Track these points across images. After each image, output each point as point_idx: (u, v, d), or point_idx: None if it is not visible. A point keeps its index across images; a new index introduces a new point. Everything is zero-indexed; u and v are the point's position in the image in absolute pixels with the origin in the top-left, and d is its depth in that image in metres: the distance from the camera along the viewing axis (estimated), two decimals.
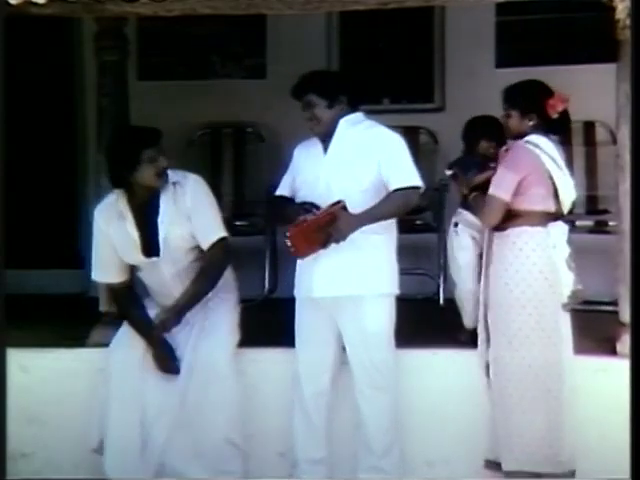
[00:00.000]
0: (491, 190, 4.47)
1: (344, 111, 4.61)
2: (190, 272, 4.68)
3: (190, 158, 6.62)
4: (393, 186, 4.40)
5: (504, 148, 4.61)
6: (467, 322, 5.03)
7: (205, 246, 4.65)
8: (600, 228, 6.09)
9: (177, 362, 4.64)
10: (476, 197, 4.65)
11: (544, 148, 4.48)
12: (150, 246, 4.65)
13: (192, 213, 4.62)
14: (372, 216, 4.37)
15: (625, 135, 4.58)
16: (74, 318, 5.55)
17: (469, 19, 6.39)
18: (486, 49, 6.69)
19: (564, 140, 6.35)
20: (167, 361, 4.63)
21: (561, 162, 4.52)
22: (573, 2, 6.31)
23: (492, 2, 5.66)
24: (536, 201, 4.47)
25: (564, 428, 4.46)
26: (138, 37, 6.54)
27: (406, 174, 4.45)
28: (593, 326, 4.81)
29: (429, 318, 5.18)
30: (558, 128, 4.61)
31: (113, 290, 4.85)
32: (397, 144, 4.56)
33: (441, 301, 5.88)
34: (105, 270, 4.78)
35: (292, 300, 4.96)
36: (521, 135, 4.56)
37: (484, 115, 5.11)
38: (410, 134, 6.74)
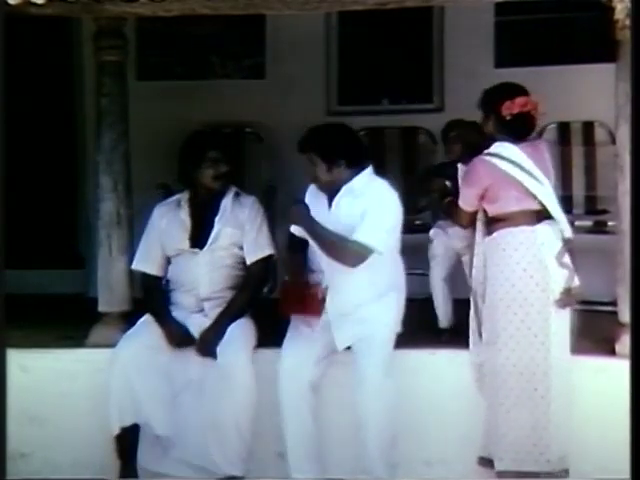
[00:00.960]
0: (459, 201, 4.67)
1: (345, 174, 4.70)
2: (220, 274, 4.88)
3: None
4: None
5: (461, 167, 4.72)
6: (441, 322, 5.20)
7: (250, 260, 4.91)
8: (599, 228, 6.09)
9: (191, 337, 4.80)
10: (449, 203, 4.84)
11: (505, 155, 4.50)
12: (197, 238, 4.89)
13: (247, 226, 4.89)
14: None
15: (624, 135, 4.58)
16: (74, 318, 5.55)
17: (468, 19, 6.39)
18: (485, 49, 6.70)
19: (562, 141, 6.44)
20: (179, 335, 4.79)
21: (529, 165, 4.51)
22: (572, 2, 6.31)
23: (491, 2, 5.67)
24: (511, 203, 4.52)
25: (551, 427, 4.45)
26: (137, 37, 6.54)
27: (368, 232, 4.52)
28: (592, 326, 4.81)
29: (428, 318, 5.18)
30: (516, 131, 4.58)
31: (145, 280, 5.01)
32: (382, 202, 4.61)
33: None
34: (146, 261, 4.98)
35: None
36: (492, 137, 4.62)
37: (456, 119, 5.18)
38: (409, 134, 6.78)
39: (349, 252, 4.50)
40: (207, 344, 4.75)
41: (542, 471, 4.43)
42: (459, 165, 4.77)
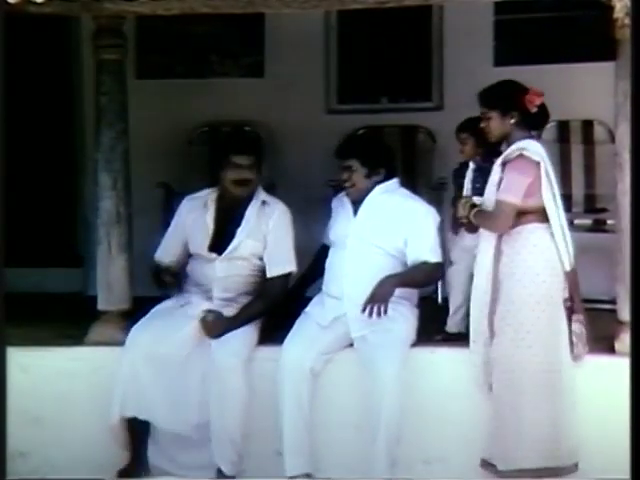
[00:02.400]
0: (502, 196, 4.48)
1: (380, 180, 4.89)
2: (236, 281, 4.88)
3: (189, 157, 6.63)
4: (415, 259, 4.79)
5: (501, 159, 4.54)
6: (450, 327, 5.07)
7: (270, 274, 4.89)
8: (598, 227, 6.08)
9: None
10: (478, 212, 4.60)
11: (541, 153, 4.48)
12: (217, 243, 4.87)
13: (270, 238, 4.87)
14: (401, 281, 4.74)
15: (623, 134, 4.58)
16: (73, 317, 5.55)
17: (467, 18, 6.38)
18: (484, 48, 6.69)
19: (561, 140, 6.44)
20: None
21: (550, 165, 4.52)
22: (571, 1, 6.31)
23: (490, 1, 5.67)
24: (545, 198, 4.47)
25: (565, 422, 4.47)
26: (137, 36, 6.54)
27: (428, 251, 4.80)
28: (592, 324, 4.80)
29: (428, 316, 5.16)
30: (539, 122, 4.66)
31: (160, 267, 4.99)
32: (426, 220, 4.87)
33: (439, 299, 5.87)
34: (165, 252, 5.01)
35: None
36: (504, 136, 4.57)
37: (467, 118, 5.11)
38: (408, 133, 6.78)
39: (430, 273, 4.88)
40: (213, 329, 4.75)
41: (555, 466, 4.44)
42: (496, 162, 4.60)
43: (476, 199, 4.76)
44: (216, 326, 4.75)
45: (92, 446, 4.86)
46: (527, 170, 4.47)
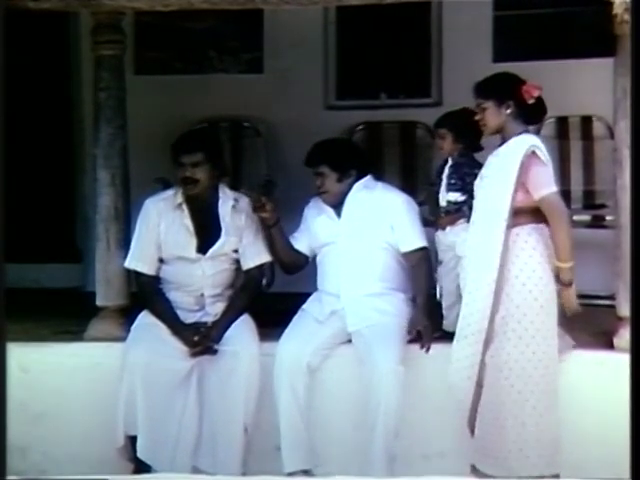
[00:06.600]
0: (544, 192, 4.37)
1: (352, 181, 4.92)
2: (222, 276, 4.92)
3: None
4: (403, 249, 4.87)
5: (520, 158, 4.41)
6: (447, 325, 4.97)
7: (248, 266, 4.94)
8: (597, 222, 6.09)
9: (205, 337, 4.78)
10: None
11: (543, 149, 4.43)
12: (200, 244, 4.87)
13: (245, 232, 4.90)
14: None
15: (622, 129, 4.59)
16: (71, 312, 5.55)
17: (466, 14, 6.39)
18: (483, 44, 6.69)
19: (560, 136, 6.44)
20: (198, 339, 4.75)
21: None
22: None
23: None
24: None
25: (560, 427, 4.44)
26: (135, 31, 6.54)
27: (413, 238, 4.88)
28: (590, 320, 4.81)
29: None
30: (535, 116, 4.59)
31: (143, 282, 4.95)
32: (407, 209, 4.93)
33: (438, 296, 5.86)
34: (142, 260, 4.93)
35: (289, 295, 4.98)
36: (499, 128, 4.51)
37: (444, 114, 5.09)
38: (407, 129, 6.79)
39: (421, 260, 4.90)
40: (210, 341, 4.74)
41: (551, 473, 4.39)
42: (490, 157, 4.57)
43: (451, 195, 4.82)
44: (209, 340, 4.76)
45: (91, 441, 4.86)
46: (546, 160, 4.41)
